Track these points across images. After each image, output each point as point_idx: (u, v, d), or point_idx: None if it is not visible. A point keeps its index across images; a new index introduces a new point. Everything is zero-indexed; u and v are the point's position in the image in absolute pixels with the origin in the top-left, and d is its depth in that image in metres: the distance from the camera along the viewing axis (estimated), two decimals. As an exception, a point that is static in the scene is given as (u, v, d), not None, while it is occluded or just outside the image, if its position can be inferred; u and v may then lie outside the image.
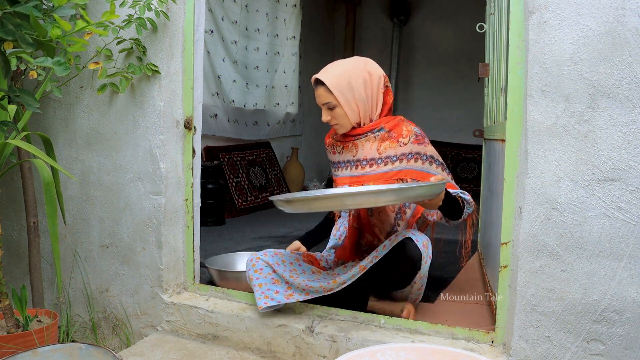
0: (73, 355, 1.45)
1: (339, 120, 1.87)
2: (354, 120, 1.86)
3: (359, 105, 1.84)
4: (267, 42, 4.84)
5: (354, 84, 1.82)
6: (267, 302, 1.74)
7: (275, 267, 1.81)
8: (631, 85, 1.30)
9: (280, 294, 1.75)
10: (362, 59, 1.89)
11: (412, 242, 1.74)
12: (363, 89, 1.83)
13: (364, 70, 1.84)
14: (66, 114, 2.07)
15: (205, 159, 4.06)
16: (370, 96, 1.85)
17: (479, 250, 2.86)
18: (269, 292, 1.76)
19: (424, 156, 1.82)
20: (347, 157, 1.93)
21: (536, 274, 1.42)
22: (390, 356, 1.33)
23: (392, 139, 1.84)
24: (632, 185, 1.32)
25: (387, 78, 1.90)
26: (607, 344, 1.37)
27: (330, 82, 1.82)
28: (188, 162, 2.01)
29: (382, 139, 1.85)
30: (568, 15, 1.35)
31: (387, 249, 1.73)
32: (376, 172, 1.85)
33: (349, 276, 1.72)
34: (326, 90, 1.83)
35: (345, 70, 1.83)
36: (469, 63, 4.73)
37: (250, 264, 1.84)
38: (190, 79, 1.96)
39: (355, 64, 1.85)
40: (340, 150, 1.95)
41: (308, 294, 1.75)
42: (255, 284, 1.79)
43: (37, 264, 1.99)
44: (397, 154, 1.82)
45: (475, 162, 5.72)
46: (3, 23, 1.16)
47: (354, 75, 1.82)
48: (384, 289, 1.87)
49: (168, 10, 1.87)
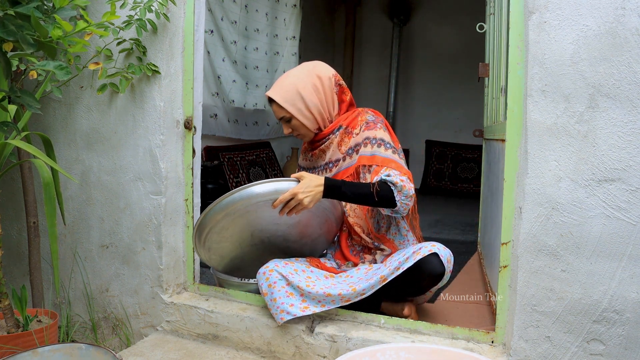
0: (73, 355, 1.45)
1: (299, 130, 1.89)
2: (313, 128, 1.88)
3: (313, 113, 1.85)
4: (267, 42, 4.84)
5: (303, 93, 1.82)
6: (283, 317, 1.70)
7: (290, 277, 1.73)
8: (631, 85, 1.30)
9: (296, 307, 1.70)
10: (310, 63, 1.90)
11: (437, 258, 1.68)
12: (315, 95, 1.83)
13: (312, 75, 1.84)
14: (66, 114, 2.07)
15: (205, 159, 4.06)
16: (324, 100, 1.86)
17: (479, 250, 2.86)
18: (284, 305, 1.70)
19: (373, 140, 1.79)
20: (320, 162, 1.96)
21: (536, 274, 1.42)
22: (390, 356, 1.33)
23: (348, 134, 1.86)
24: (632, 185, 1.32)
25: (338, 76, 1.90)
26: (607, 344, 1.37)
27: (279, 97, 1.83)
28: (188, 162, 2.01)
29: (341, 137, 1.88)
30: (568, 15, 1.35)
31: (411, 263, 1.66)
32: (341, 170, 1.87)
33: (369, 286, 1.66)
34: (278, 106, 1.85)
35: (293, 81, 1.84)
36: (469, 63, 4.72)
37: (264, 278, 1.76)
38: (190, 79, 1.96)
39: (302, 72, 1.86)
40: (310, 157, 2.00)
41: (324, 305, 1.70)
42: (269, 299, 1.74)
43: (37, 264, 1.99)
44: (352, 145, 1.84)
45: (475, 162, 5.72)
46: (4, 24, 1.16)
47: (303, 84, 1.83)
48: (397, 295, 1.83)
49: (168, 11, 1.87)
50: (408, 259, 1.68)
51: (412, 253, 1.70)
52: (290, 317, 1.69)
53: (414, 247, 1.76)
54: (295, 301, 1.71)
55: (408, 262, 1.67)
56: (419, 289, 1.77)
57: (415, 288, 1.76)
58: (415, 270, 1.67)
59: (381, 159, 1.75)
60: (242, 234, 1.83)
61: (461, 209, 4.71)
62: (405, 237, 1.90)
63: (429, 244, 1.73)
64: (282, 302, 1.71)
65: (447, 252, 1.73)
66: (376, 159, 1.76)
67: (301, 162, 2.09)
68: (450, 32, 5.88)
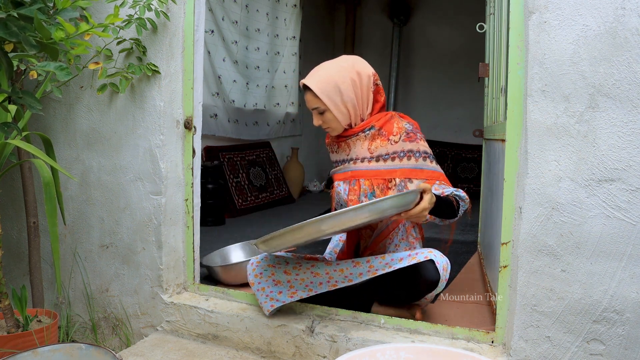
0: (73, 355, 1.45)
1: (330, 124, 1.83)
2: (344, 123, 1.83)
3: (348, 108, 1.80)
4: (268, 42, 4.84)
5: (342, 86, 1.77)
6: (273, 305, 1.74)
7: (277, 266, 1.78)
8: (631, 85, 1.30)
9: (284, 294, 1.74)
10: (349, 57, 1.85)
11: (432, 265, 1.67)
12: (352, 90, 1.78)
13: (352, 70, 1.79)
14: (66, 114, 2.07)
15: (205, 159, 4.06)
16: (360, 97, 1.81)
17: (479, 250, 2.86)
18: (272, 294, 1.75)
19: (417, 153, 1.78)
20: (342, 156, 1.91)
21: (536, 274, 1.42)
22: (390, 356, 1.33)
23: (382, 137, 1.81)
24: (632, 185, 1.32)
25: (377, 76, 1.87)
26: (607, 344, 1.37)
27: (317, 88, 1.77)
28: (188, 162, 2.01)
29: (372, 137, 1.82)
30: (568, 15, 1.35)
31: (404, 264, 1.67)
32: (368, 168, 1.82)
33: (357, 274, 1.68)
34: (314, 95, 1.79)
35: (332, 73, 1.78)
36: (469, 63, 4.72)
37: (251, 269, 1.82)
38: (190, 79, 1.96)
39: (342, 65, 1.80)
40: (336, 149, 1.94)
41: (312, 289, 1.73)
42: (257, 288, 1.78)
43: (37, 264, 1.99)
44: (389, 152, 1.79)
45: (475, 162, 5.72)
46: (7, 25, 1.16)
47: (342, 78, 1.77)
48: (393, 300, 1.83)
49: (168, 11, 1.87)
50: (402, 260, 1.69)
51: (407, 256, 1.71)
52: (279, 305, 1.72)
53: (410, 250, 1.77)
54: (283, 288, 1.74)
55: (401, 263, 1.68)
56: (414, 294, 1.76)
57: (410, 292, 1.75)
58: (410, 274, 1.67)
59: (429, 173, 1.78)
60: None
61: (461, 209, 4.69)
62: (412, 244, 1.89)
63: (427, 250, 1.73)
64: (270, 290, 1.74)
65: (444, 260, 1.71)
66: (424, 173, 1.77)
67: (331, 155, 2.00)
68: (450, 32, 5.88)
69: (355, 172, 1.83)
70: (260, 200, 4.57)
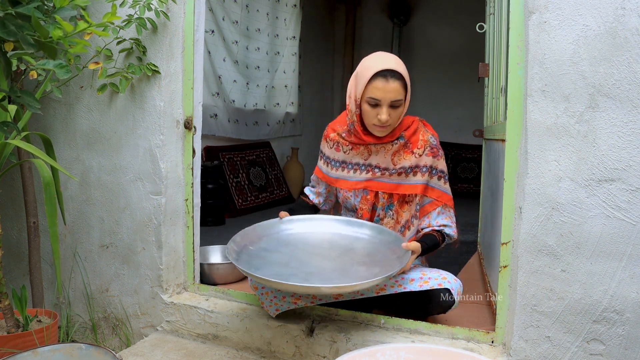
0: (73, 355, 1.45)
1: (393, 121, 1.67)
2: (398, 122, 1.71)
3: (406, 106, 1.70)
4: (268, 42, 4.84)
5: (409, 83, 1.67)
6: (278, 309, 1.74)
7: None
8: (631, 85, 1.30)
9: (287, 299, 1.73)
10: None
11: (447, 292, 1.67)
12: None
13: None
14: (66, 114, 2.07)
15: (205, 159, 4.06)
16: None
17: (479, 250, 2.86)
18: (276, 299, 1.74)
19: (434, 170, 1.76)
20: (357, 159, 1.80)
21: (536, 274, 1.42)
22: (390, 356, 1.32)
23: (407, 150, 1.74)
24: (632, 185, 1.32)
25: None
26: (607, 344, 1.37)
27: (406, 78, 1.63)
28: (188, 162, 2.00)
29: (398, 149, 1.75)
30: (568, 15, 1.35)
31: (415, 286, 1.66)
32: (390, 181, 1.75)
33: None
34: (402, 86, 1.62)
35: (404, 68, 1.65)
36: (469, 63, 4.71)
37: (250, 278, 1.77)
38: (190, 79, 1.96)
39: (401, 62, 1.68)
40: (347, 150, 1.82)
41: (315, 298, 1.72)
42: (261, 292, 1.77)
43: (37, 264, 1.99)
44: (412, 165, 1.74)
45: (475, 162, 5.72)
46: (5, 24, 1.16)
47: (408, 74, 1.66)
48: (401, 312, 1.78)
49: (168, 10, 1.87)
50: (413, 282, 1.68)
51: (419, 278, 1.69)
52: (284, 309, 1.71)
53: (422, 269, 1.75)
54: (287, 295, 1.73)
55: (412, 285, 1.67)
56: (422, 314, 1.76)
57: (419, 312, 1.75)
58: (423, 298, 1.68)
59: (439, 193, 1.77)
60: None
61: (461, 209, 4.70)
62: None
63: (439, 275, 1.70)
64: (274, 295, 1.74)
65: (457, 284, 1.70)
66: (435, 192, 1.76)
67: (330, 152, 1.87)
68: (450, 32, 5.88)
69: (373, 182, 1.77)
70: (260, 200, 4.57)
